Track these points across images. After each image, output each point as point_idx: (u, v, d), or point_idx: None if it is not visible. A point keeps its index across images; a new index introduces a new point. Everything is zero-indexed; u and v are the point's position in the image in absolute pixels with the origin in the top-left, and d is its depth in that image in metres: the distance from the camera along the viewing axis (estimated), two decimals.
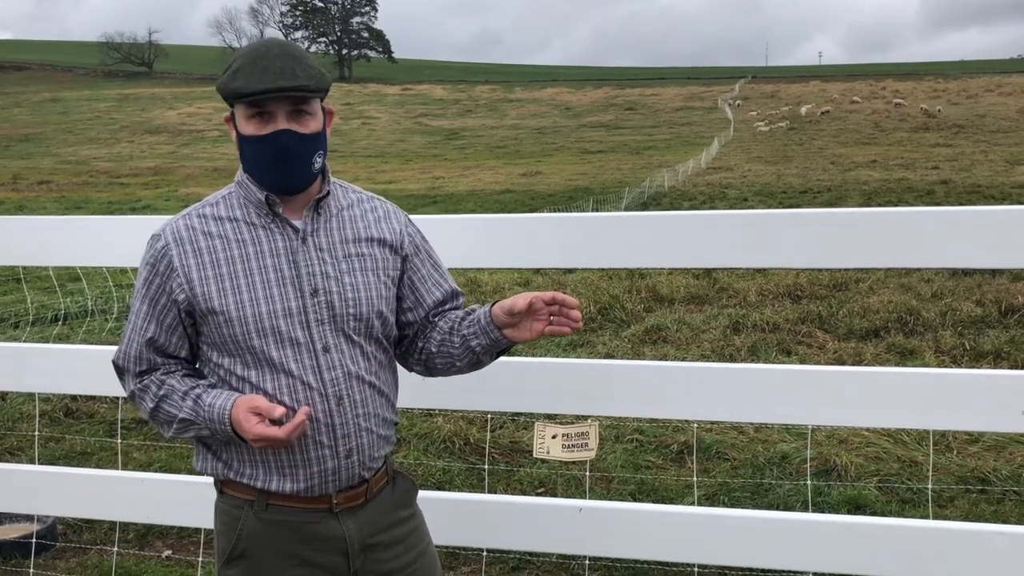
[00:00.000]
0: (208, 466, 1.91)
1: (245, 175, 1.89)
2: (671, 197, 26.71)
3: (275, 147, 1.79)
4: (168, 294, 1.84)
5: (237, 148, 1.88)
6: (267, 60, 1.77)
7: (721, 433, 5.15)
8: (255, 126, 1.80)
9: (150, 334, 1.86)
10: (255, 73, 1.76)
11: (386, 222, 1.97)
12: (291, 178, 1.83)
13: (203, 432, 1.83)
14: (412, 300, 2.00)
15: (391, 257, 1.95)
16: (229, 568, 1.88)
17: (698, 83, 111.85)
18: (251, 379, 1.82)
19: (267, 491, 1.85)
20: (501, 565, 3.71)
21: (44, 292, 10.76)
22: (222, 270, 1.82)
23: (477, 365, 1.99)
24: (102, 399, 5.93)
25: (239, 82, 1.77)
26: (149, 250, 1.87)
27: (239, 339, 1.80)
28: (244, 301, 1.80)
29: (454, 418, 5.27)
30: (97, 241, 2.74)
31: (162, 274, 1.84)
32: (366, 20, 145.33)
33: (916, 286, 9.77)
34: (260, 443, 1.76)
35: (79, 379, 2.86)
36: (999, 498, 4.28)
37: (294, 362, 1.81)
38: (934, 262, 2.27)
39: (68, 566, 3.81)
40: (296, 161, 1.82)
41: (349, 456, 1.86)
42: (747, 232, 2.32)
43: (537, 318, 1.87)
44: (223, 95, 1.82)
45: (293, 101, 1.79)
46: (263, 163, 1.83)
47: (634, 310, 8.98)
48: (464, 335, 1.94)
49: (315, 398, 1.82)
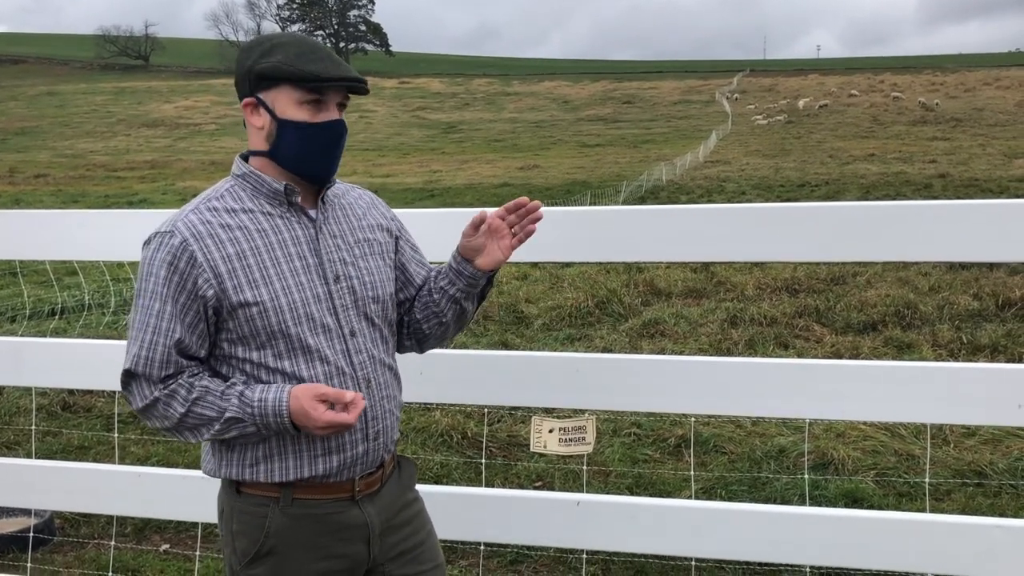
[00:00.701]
0: (231, 470, 1.85)
1: (250, 166, 1.86)
2: (669, 191, 26.71)
3: (330, 135, 1.82)
4: (190, 291, 1.77)
5: (268, 133, 1.82)
6: (323, 51, 1.81)
7: (719, 427, 5.16)
8: (309, 112, 1.80)
9: (178, 335, 1.77)
10: (323, 60, 1.77)
11: (375, 208, 2.02)
12: (331, 168, 1.87)
13: (248, 429, 1.77)
14: (403, 281, 2.03)
15: (389, 240, 2.00)
16: (254, 567, 1.85)
17: (696, 76, 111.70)
18: (285, 369, 1.80)
19: (294, 483, 1.83)
20: (499, 559, 3.72)
21: (41, 286, 10.74)
22: (249, 261, 1.79)
23: (463, 316, 2.01)
24: (99, 393, 5.93)
25: (315, 66, 1.76)
26: (164, 248, 1.77)
27: (274, 329, 1.78)
28: (277, 290, 1.79)
29: (452, 412, 5.27)
30: (94, 235, 2.73)
31: (182, 271, 1.76)
32: (363, 13, 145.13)
33: (914, 280, 9.78)
34: (328, 430, 1.75)
35: (76, 373, 2.85)
36: (996, 491, 4.29)
37: (328, 348, 1.82)
38: (931, 256, 2.28)
39: (66, 560, 3.81)
40: (339, 152, 1.86)
41: (376, 439, 1.88)
42: (745, 226, 2.32)
43: (501, 236, 1.91)
44: (275, 76, 1.77)
45: (344, 94, 1.84)
46: (312, 150, 1.82)
47: (632, 304, 8.98)
48: (441, 287, 1.97)
49: (347, 383, 1.83)
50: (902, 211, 2.25)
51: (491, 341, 7.61)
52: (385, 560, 1.93)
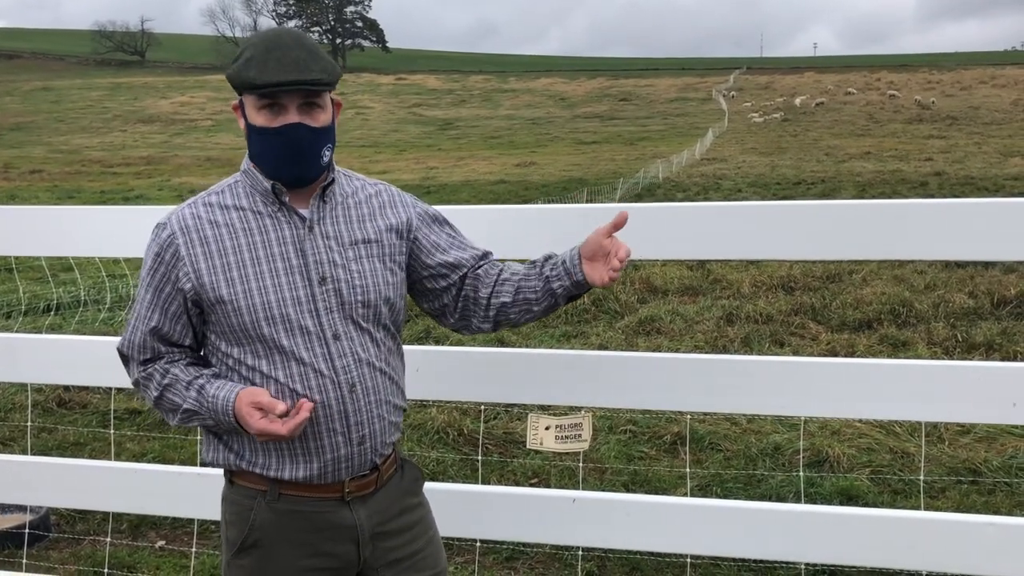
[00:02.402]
0: (219, 456, 1.90)
1: (251, 164, 1.88)
2: (665, 188, 26.72)
3: (286, 140, 1.79)
4: (174, 283, 1.83)
5: (245, 137, 1.87)
6: (280, 51, 1.75)
7: (714, 424, 5.17)
8: (266, 117, 1.79)
9: (154, 323, 1.85)
10: (268, 64, 1.74)
11: (391, 207, 1.97)
12: (300, 171, 1.83)
13: (207, 423, 1.84)
14: (440, 264, 1.98)
15: (397, 242, 1.95)
16: (240, 558, 1.88)
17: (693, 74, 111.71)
18: (262, 369, 1.82)
19: (280, 480, 1.85)
20: (495, 555, 3.72)
21: (37, 282, 10.72)
22: (229, 259, 1.81)
23: (551, 310, 1.97)
24: (95, 390, 5.92)
25: (252, 72, 1.75)
26: (155, 239, 1.86)
27: (248, 328, 1.80)
28: (252, 290, 1.80)
29: (448, 409, 5.27)
30: (90, 231, 2.72)
31: (167, 263, 1.83)
32: (360, 9, 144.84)
33: (909, 278, 9.80)
34: (263, 438, 1.77)
35: (72, 369, 2.85)
36: (990, 489, 4.30)
37: (305, 350, 1.81)
38: (927, 254, 2.27)
39: (61, 557, 3.81)
40: (306, 155, 1.81)
41: (362, 443, 1.86)
42: (741, 224, 2.32)
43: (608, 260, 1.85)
44: (234, 84, 1.80)
45: (305, 94, 1.79)
46: (272, 155, 1.82)
47: (628, 301, 8.98)
48: (547, 276, 1.92)
49: (327, 386, 1.82)
50: (898, 209, 2.25)
51: (487, 338, 7.61)
52: (379, 565, 1.92)
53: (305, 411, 1.75)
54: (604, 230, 1.85)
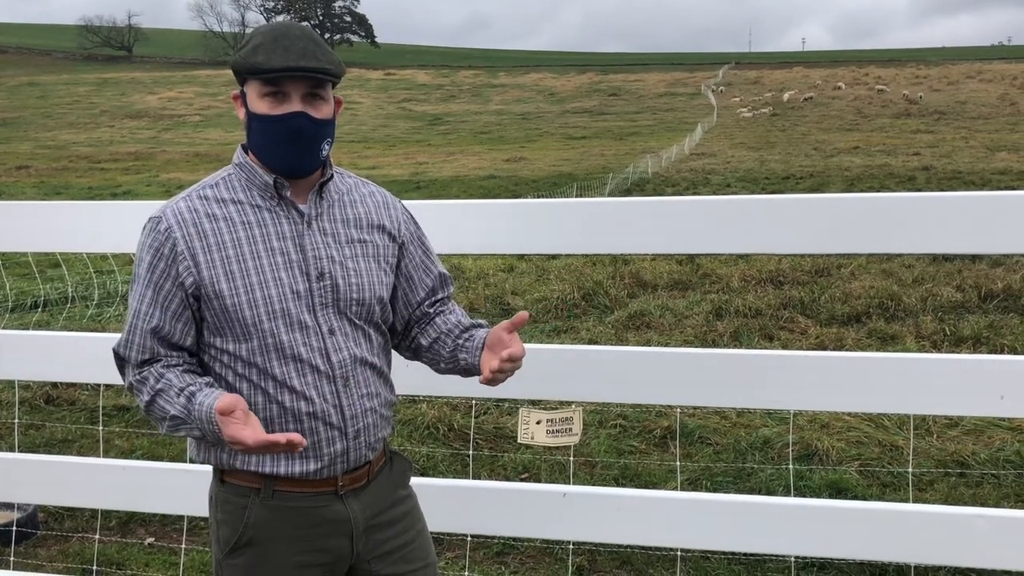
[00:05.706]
0: (210, 455, 1.87)
1: (248, 157, 1.87)
2: (655, 183, 26.73)
3: (288, 129, 1.78)
4: (174, 278, 1.79)
5: (245, 126, 1.85)
6: (288, 40, 1.76)
7: (704, 418, 5.18)
8: (269, 105, 1.79)
9: (155, 322, 1.80)
10: (276, 51, 1.75)
11: (384, 209, 1.98)
12: (299, 161, 1.82)
13: (194, 433, 1.77)
14: (406, 287, 2.01)
15: (390, 244, 1.96)
16: (234, 557, 1.86)
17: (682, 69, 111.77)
18: (258, 363, 1.80)
19: (274, 476, 1.84)
20: (485, 550, 3.73)
21: (23, 278, 10.66)
22: (229, 253, 1.79)
23: (456, 372, 2.01)
24: (83, 386, 5.90)
25: (259, 58, 1.75)
26: (151, 233, 1.81)
27: (248, 322, 1.78)
28: (253, 284, 1.79)
29: (438, 404, 5.27)
30: (77, 227, 2.71)
31: (167, 257, 1.79)
32: (348, 4, 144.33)
33: (897, 272, 9.85)
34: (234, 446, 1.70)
35: (60, 366, 2.83)
36: (978, 481, 4.33)
37: (303, 346, 1.81)
38: (915, 248, 2.28)
39: (50, 554, 3.79)
40: (307, 145, 1.81)
41: (357, 437, 1.87)
42: (730, 218, 2.33)
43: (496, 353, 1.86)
44: (239, 70, 1.80)
45: (310, 84, 1.79)
46: (273, 143, 1.81)
47: (617, 296, 9.00)
48: (459, 344, 1.97)
49: (323, 381, 1.82)
50: (886, 203, 2.26)
51: None
52: (371, 557, 1.92)
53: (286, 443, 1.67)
54: (504, 325, 1.86)
